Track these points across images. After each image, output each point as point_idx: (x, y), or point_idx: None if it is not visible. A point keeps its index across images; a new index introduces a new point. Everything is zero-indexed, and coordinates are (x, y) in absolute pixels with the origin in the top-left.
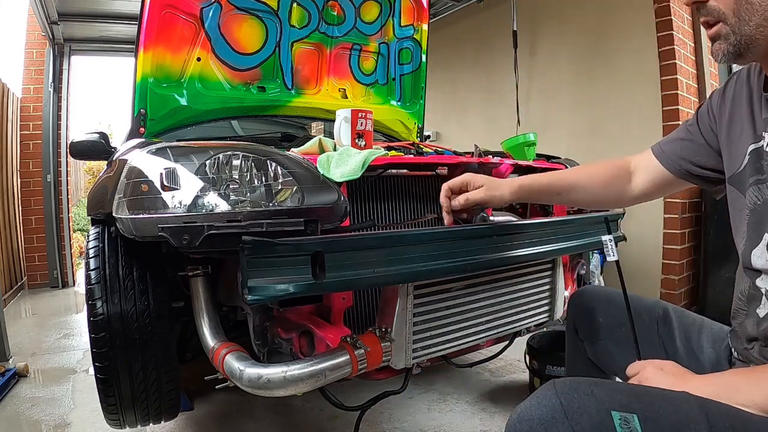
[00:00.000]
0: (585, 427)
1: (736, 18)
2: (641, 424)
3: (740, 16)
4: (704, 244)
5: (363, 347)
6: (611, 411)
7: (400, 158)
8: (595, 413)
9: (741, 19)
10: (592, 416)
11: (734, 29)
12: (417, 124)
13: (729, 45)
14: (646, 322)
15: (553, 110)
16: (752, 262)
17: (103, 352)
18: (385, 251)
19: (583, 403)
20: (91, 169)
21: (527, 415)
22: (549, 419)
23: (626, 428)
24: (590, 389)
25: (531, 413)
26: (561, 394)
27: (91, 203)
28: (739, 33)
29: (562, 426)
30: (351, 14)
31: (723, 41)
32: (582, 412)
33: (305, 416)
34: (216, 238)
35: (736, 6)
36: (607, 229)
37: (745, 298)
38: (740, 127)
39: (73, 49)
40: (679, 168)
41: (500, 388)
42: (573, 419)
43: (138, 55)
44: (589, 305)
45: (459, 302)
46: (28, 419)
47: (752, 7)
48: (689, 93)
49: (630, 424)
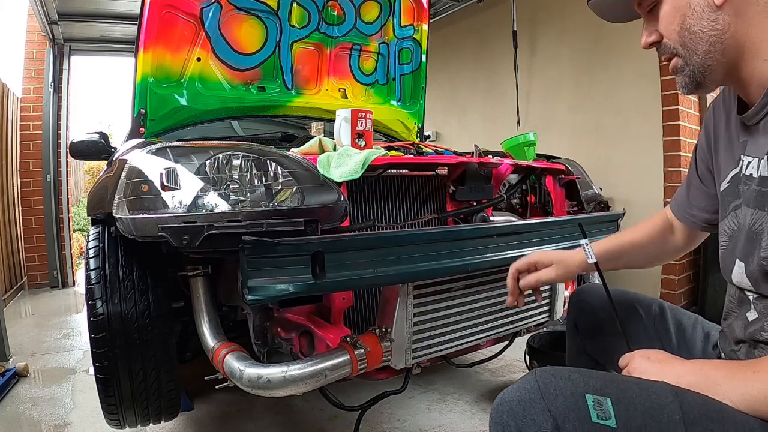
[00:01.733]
0: (560, 408)
1: (684, 49)
2: (614, 407)
3: (687, 47)
4: (704, 244)
5: (363, 347)
6: (585, 394)
7: (400, 158)
8: (570, 395)
9: (689, 49)
10: (567, 398)
11: (686, 60)
12: (417, 124)
13: (685, 77)
14: (644, 318)
15: (553, 110)
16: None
17: (103, 352)
18: (385, 251)
19: (559, 386)
20: (91, 169)
21: (508, 398)
22: (527, 400)
23: (599, 410)
24: (567, 374)
25: (511, 396)
26: (540, 379)
27: (91, 203)
28: (690, 63)
29: (539, 406)
30: (351, 14)
31: (680, 74)
32: (557, 394)
33: (305, 416)
34: (216, 238)
35: (681, 38)
36: (582, 234)
37: (735, 300)
38: (724, 155)
39: (73, 49)
40: (694, 221)
41: (500, 388)
42: (549, 400)
43: (138, 55)
44: (590, 302)
45: (459, 302)
46: (28, 419)
47: (695, 36)
48: None
49: (603, 406)
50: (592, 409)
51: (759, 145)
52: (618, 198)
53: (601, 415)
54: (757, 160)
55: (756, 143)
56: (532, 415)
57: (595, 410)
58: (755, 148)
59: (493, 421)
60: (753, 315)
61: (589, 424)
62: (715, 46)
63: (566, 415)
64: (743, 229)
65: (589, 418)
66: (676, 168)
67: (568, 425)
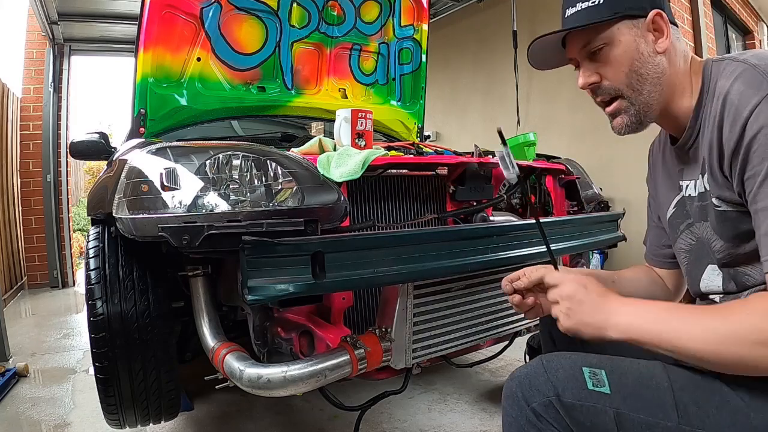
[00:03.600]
0: (560, 378)
1: (630, 90)
2: (608, 377)
3: (634, 87)
4: None
5: (363, 347)
6: (582, 367)
7: (400, 158)
8: (569, 368)
9: (635, 90)
10: (566, 370)
11: (632, 101)
12: (417, 124)
13: (629, 117)
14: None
15: (553, 110)
16: (701, 290)
17: (103, 352)
18: (385, 251)
19: (561, 362)
20: (91, 169)
21: (517, 373)
22: (532, 374)
23: (595, 379)
24: (568, 354)
25: (520, 372)
26: (544, 358)
27: (91, 203)
28: (636, 103)
29: (542, 377)
30: (351, 14)
31: (624, 114)
32: (558, 368)
33: (305, 416)
34: (216, 238)
35: (628, 80)
36: (501, 141)
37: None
38: (664, 187)
39: (73, 49)
40: (665, 260)
41: (500, 388)
42: (551, 373)
43: (138, 55)
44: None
45: (459, 302)
46: (28, 419)
47: (641, 77)
48: None
49: (598, 376)
50: (588, 379)
51: (692, 168)
52: (618, 198)
53: (596, 383)
54: (693, 181)
55: (690, 168)
56: (537, 386)
57: (591, 379)
58: (690, 172)
59: (505, 395)
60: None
61: (586, 392)
62: (656, 86)
63: (566, 384)
64: (702, 241)
65: (585, 387)
66: None
67: (567, 393)
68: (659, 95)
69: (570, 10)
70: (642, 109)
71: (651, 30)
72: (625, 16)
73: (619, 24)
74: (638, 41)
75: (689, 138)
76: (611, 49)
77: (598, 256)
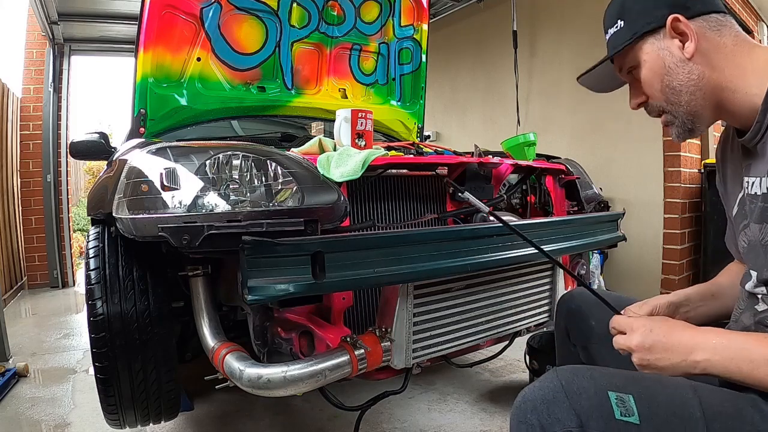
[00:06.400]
0: (584, 406)
1: (669, 105)
2: (636, 404)
3: (671, 101)
4: (704, 244)
5: (363, 347)
6: (608, 391)
7: (400, 158)
8: (593, 394)
9: (673, 103)
10: (591, 397)
11: (674, 114)
12: (417, 124)
13: (677, 128)
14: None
15: (553, 110)
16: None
17: (103, 352)
18: (385, 251)
19: (582, 385)
20: (91, 169)
21: (530, 396)
22: (551, 398)
23: (622, 407)
24: (589, 373)
25: (534, 394)
26: (562, 378)
27: (91, 203)
28: (678, 116)
29: (563, 405)
30: (351, 14)
31: (672, 127)
32: (581, 392)
33: (305, 416)
34: (216, 238)
35: (664, 95)
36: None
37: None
38: (731, 183)
39: (73, 49)
40: None
41: (500, 388)
42: (573, 399)
43: (138, 55)
44: (581, 309)
45: (459, 302)
46: (28, 419)
47: (675, 90)
48: None
49: (626, 403)
50: (615, 407)
51: (759, 165)
52: (618, 198)
53: (624, 412)
54: (759, 179)
55: (757, 164)
56: (557, 413)
57: (618, 407)
58: (757, 169)
59: (517, 420)
60: (762, 306)
61: (613, 422)
62: (695, 94)
63: (590, 413)
64: (755, 244)
65: (612, 416)
66: (676, 168)
67: (592, 423)
68: (703, 100)
69: (606, 36)
70: (686, 119)
71: (674, 36)
72: (644, 34)
73: (641, 43)
74: (662, 54)
75: (757, 132)
76: (640, 71)
77: (598, 256)
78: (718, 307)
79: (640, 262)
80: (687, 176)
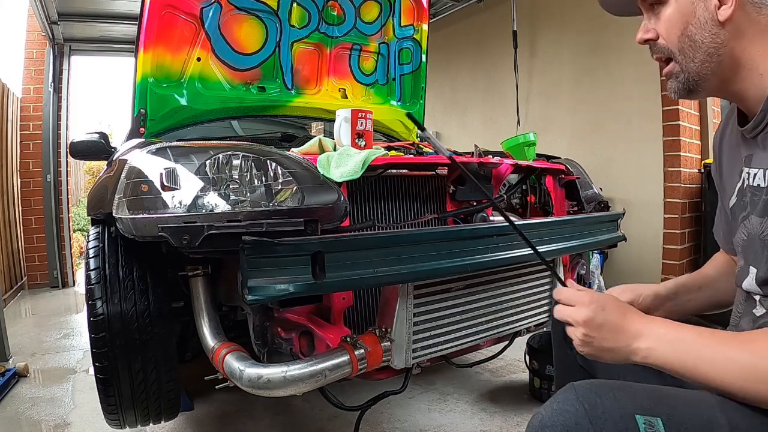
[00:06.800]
0: None
1: (682, 56)
2: (665, 427)
3: (685, 53)
4: (704, 244)
5: (363, 347)
6: (635, 415)
7: (400, 158)
8: (619, 419)
9: (686, 56)
10: (617, 422)
11: (682, 67)
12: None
13: (679, 82)
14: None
15: (553, 110)
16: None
17: (103, 352)
18: (385, 251)
19: (607, 408)
20: (91, 169)
21: (550, 422)
22: (573, 426)
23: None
24: (612, 394)
25: (554, 420)
26: (583, 400)
27: (91, 203)
28: (686, 71)
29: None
30: (351, 14)
31: (674, 79)
32: (606, 417)
33: (305, 416)
34: (216, 238)
35: (680, 44)
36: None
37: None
38: (728, 170)
39: (73, 49)
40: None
41: (500, 388)
42: (597, 425)
43: (138, 55)
44: None
45: (459, 302)
46: (28, 419)
47: (695, 44)
48: None
49: (654, 427)
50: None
51: (761, 156)
52: (618, 198)
53: None
54: (762, 170)
55: (759, 156)
56: None
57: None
58: (760, 160)
59: None
60: (760, 311)
61: None
62: (712, 57)
63: None
64: (753, 237)
65: None
66: (676, 168)
67: None
68: (716, 67)
69: None
70: (692, 77)
71: None
72: None
73: None
74: (696, 4)
75: (760, 122)
76: (665, 7)
77: (599, 256)
78: (706, 298)
79: (640, 262)
80: (687, 176)
